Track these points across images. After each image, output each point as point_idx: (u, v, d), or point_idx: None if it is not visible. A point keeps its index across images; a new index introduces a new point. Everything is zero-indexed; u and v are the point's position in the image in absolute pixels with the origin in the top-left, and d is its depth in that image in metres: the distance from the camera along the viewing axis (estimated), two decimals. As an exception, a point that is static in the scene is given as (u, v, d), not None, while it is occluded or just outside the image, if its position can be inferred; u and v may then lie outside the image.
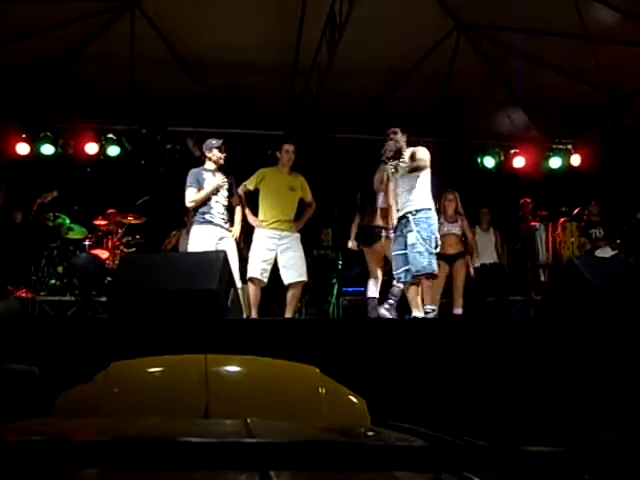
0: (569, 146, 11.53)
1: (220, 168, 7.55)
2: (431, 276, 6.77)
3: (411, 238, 6.68)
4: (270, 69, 9.66)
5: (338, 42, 8.34)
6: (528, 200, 10.64)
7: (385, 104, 10.30)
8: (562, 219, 10.50)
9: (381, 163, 7.21)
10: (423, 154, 6.90)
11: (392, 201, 7.39)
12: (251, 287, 7.48)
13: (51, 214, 9.83)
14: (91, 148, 10.69)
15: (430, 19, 8.95)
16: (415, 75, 9.87)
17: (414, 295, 6.87)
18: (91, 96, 9.96)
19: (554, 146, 11.55)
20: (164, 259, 6.98)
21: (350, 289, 10.13)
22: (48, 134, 10.55)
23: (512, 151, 11.51)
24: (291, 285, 7.54)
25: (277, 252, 7.49)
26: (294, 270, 7.50)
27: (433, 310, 6.96)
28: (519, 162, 11.49)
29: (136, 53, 9.18)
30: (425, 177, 6.90)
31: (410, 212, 6.78)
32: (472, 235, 9.15)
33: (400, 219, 6.92)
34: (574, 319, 5.69)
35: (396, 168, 6.88)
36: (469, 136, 11.25)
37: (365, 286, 8.17)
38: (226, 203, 7.45)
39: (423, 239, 6.65)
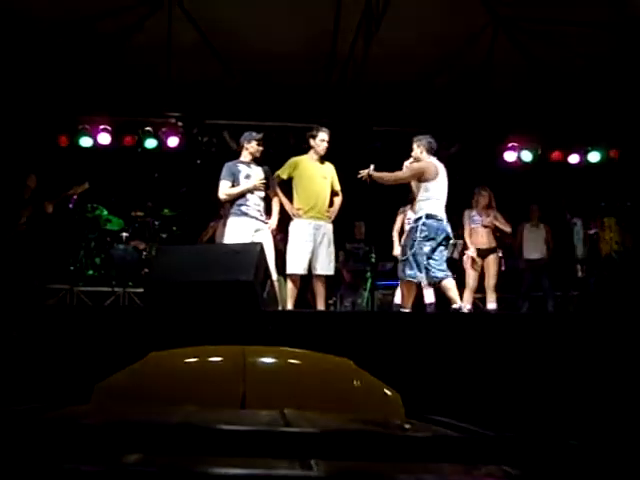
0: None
1: (256, 160, 7.59)
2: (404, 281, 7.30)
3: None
4: (307, 60, 9.65)
5: (375, 33, 8.33)
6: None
7: (422, 96, 10.26)
8: (601, 215, 10.40)
9: None
10: (410, 169, 7.40)
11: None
12: (291, 281, 7.48)
13: (89, 205, 9.96)
14: (129, 140, 10.79)
15: (467, 11, 8.89)
16: (452, 67, 9.81)
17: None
18: (128, 89, 10.06)
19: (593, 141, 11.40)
20: (201, 250, 7.04)
21: (384, 282, 10.11)
22: (86, 127, 10.66)
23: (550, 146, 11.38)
24: (319, 277, 7.53)
25: (315, 243, 7.46)
26: (327, 262, 7.49)
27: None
28: (556, 156, 11.35)
29: (173, 46, 9.24)
30: (424, 188, 7.23)
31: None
32: (508, 228, 9.15)
33: None
34: (612, 315, 5.63)
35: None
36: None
37: None
38: (263, 195, 7.48)
39: (403, 248, 7.33)
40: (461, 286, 8.61)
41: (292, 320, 5.65)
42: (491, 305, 8.95)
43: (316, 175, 7.63)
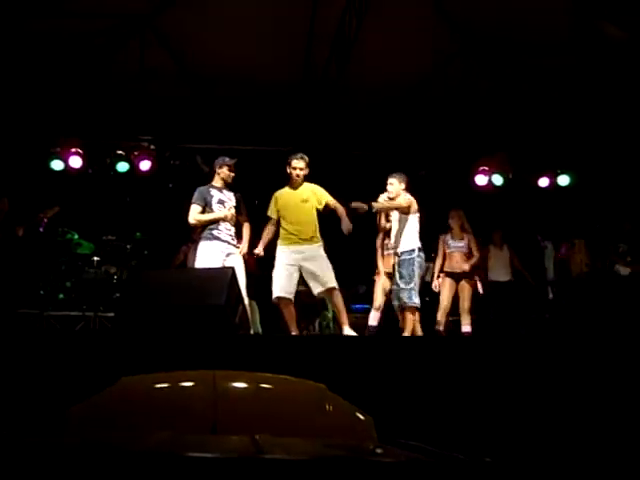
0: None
1: (227, 185, 7.57)
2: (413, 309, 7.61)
3: (397, 276, 7.64)
4: (279, 86, 9.70)
5: (346, 59, 8.42)
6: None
7: (393, 121, 10.34)
8: (571, 237, 10.51)
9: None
10: (401, 200, 7.70)
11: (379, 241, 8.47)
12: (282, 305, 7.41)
13: (60, 229, 9.87)
14: (100, 164, 10.72)
15: (438, 35, 9.00)
16: (424, 92, 9.92)
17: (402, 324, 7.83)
18: (101, 112, 10.03)
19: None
20: (173, 275, 7.01)
21: (357, 306, 10.10)
22: (58, 150, 10.58)
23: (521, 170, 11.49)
24: (327, 291, 7.41)
25: (299, 266, 7.38)
26: (318, 280, 7.38)
27: None
28: (528, 180, 11.46)
29: (146, 69, 9.24)
30: (411, 221, 7.69)
31: (396, 253, 7.72)
32: (478, 253, 9.21)
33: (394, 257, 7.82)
34: (582, 335, 5.69)
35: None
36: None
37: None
38: (234, 219, 7.46)
39: (403, 277, 7.55)
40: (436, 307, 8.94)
41: (264, 344, 5.63)
42: (466, 328, 8.98)
43: (294, 202, 7.56)
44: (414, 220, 7.71)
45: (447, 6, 8.70)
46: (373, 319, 8.47)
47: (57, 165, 10.57)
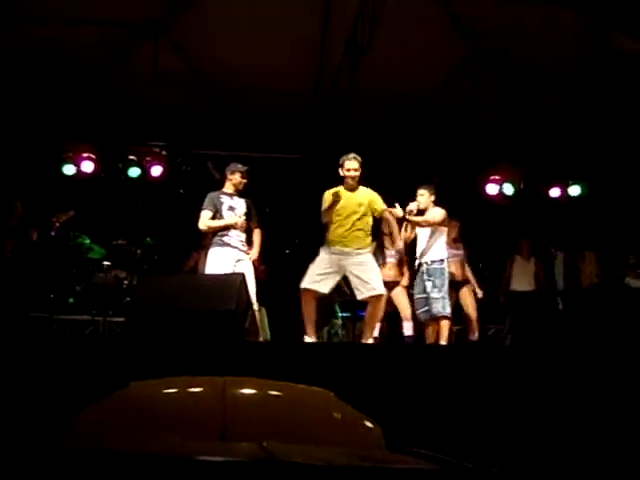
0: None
1: (238, 192, 7.59)
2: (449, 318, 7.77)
3: (428, 286, 7.67)
4: (292, 94, 9.72)
5: (358, 67, 8.43)
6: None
7: (404, 130, 10.35)
8: (582, 248, 10.49)
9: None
10: (436, 216, 7.86)
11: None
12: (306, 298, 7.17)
13: (71, 233, 9.92)
14: (112, 169, 10.77)
15: (449, 45, 9.01)
16: (435, 101, 9.93)
17: (431, 333, 7.93)
18: (114, 117, 10.08)
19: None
20: (183, 280, 7.03)
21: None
22: (70, 154, 10.64)
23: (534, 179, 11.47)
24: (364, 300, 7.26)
25: (343, 270, 7.19)
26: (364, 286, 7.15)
27: None
28: (540, 190, 11.44)
29: (159, 75, 9.28)
30: (441, 231, 7.87)
31: (426, 262, 7.76)
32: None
33: (419, 266, 7.87)
34: (592, 347, 5.67)
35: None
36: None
37: None
38: (244, 226, 7.47)
39: (436, 286, 7.63)
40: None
41: (273, 351, 5.63)
42: (473, 336, 8.98)
43: (350, 204, 7.31)
44: (444, 230, 7.91)
45: (460, 16, 8.70)
46: (408, 329, 8.53)
47: (69, 170, 10.62)
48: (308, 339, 7.02)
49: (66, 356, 5.12)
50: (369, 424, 3.11)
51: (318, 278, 7.06)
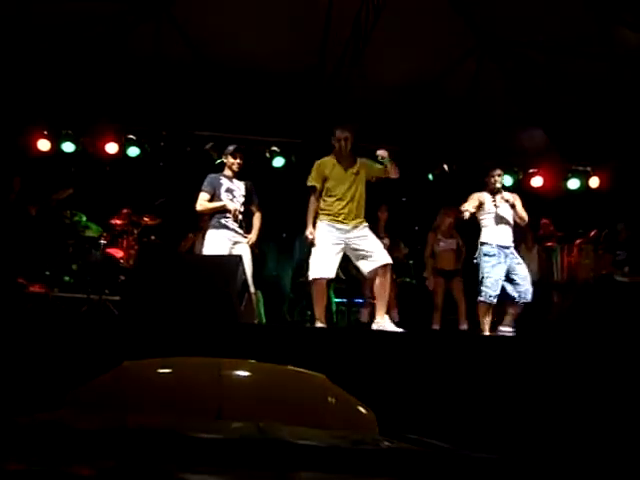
0: (588, 168, 11.45)
1: (238, 174, 7.55)
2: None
3: (522, 270, 7.65)
4: (293, 77, 9.69)
5: (362, 53, 8.40)
6: (547, 221, 10.57)
7: (406, 116, 10.33)
8: (578, 241, 10.47)
9: None
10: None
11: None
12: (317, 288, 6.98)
13: (68, 211, 9.88)
14: (111, 148, 10.76)
15: (454, 34, 8.99)
16: (438, 89, 9.91)
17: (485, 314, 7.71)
18: (114, 97, 10.04)
19: (573, 167, 11.49)
20: (179, 260, 7.01)
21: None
22: (69, 132, 10.62)
23: (530, 170, 11.46)
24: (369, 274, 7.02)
25: (344, 245, 6.95)
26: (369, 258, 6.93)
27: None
28: (537, 182, 11.43)
29: (160, 56, 9.24)
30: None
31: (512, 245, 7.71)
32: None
33: (502, 248, 7.67)
34: (586, 340, 5.68)
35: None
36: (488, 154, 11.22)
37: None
38: (242, 209, 7.43)
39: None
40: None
41: (268, 334, 5.63)
42: (463, 326, 8.99)
43: (343, 174, 7.09)
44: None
45: (463, 2, 8.68)
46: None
47: (68, 147, 10.62)
48: (320, 324, 6.89)
49: (61, 334, 5.11)
50: (363, 410, 3.12)
51: (325, 264, 6.85)
